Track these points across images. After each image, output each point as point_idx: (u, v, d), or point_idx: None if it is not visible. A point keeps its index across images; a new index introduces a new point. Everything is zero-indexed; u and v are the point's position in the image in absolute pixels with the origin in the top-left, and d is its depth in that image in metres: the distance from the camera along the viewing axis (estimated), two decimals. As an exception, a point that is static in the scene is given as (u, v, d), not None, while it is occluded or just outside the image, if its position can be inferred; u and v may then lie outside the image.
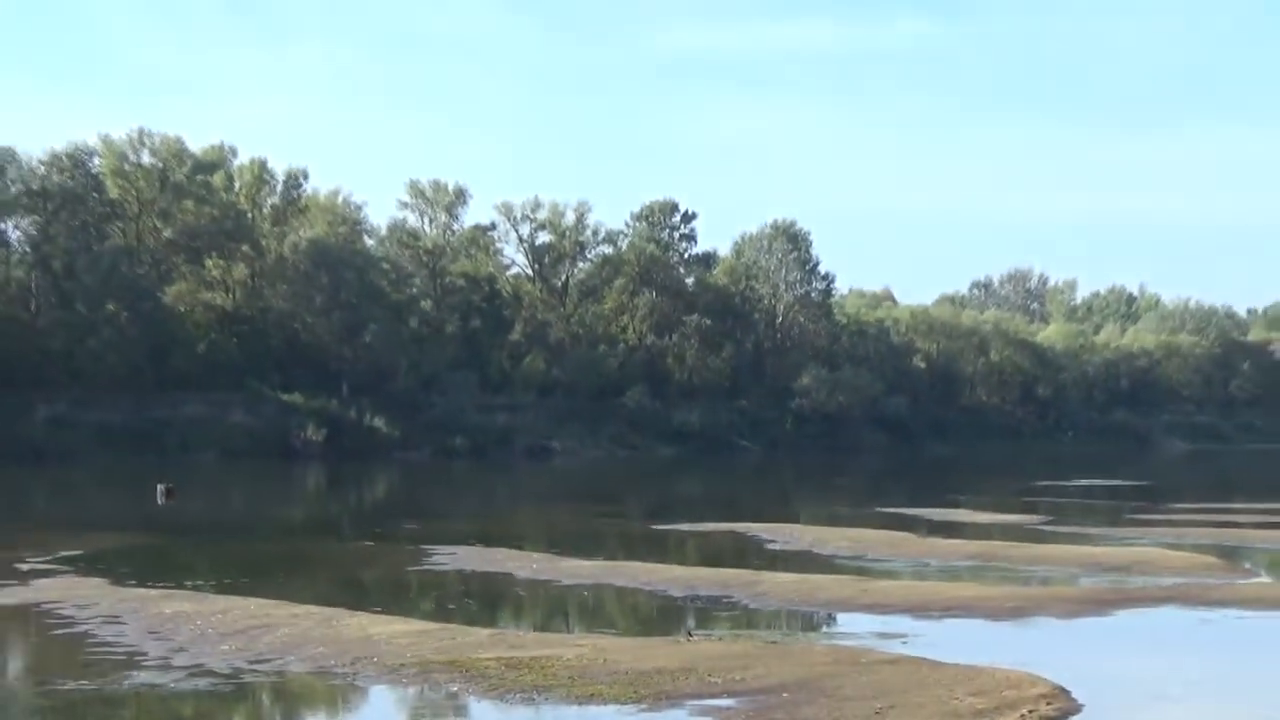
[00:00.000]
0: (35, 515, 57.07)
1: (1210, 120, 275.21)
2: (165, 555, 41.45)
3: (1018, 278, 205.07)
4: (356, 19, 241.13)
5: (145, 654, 24.52)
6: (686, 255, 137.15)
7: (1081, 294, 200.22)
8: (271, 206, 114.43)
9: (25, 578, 34.16)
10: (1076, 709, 20.30)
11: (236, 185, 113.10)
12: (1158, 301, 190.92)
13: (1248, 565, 40.80)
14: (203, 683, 22.47)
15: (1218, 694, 23.52)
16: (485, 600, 33.02)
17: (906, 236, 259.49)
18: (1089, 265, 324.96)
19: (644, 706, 20.56)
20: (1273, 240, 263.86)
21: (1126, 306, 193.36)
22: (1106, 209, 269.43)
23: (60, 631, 27.04)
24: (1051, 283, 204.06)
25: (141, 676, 22.82)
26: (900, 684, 21.78)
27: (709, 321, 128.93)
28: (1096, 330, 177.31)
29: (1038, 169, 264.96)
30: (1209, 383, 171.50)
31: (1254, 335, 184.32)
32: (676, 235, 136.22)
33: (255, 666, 23.62)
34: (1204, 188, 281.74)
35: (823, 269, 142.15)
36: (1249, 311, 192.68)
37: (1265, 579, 38.53)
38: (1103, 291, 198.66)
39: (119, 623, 27.52)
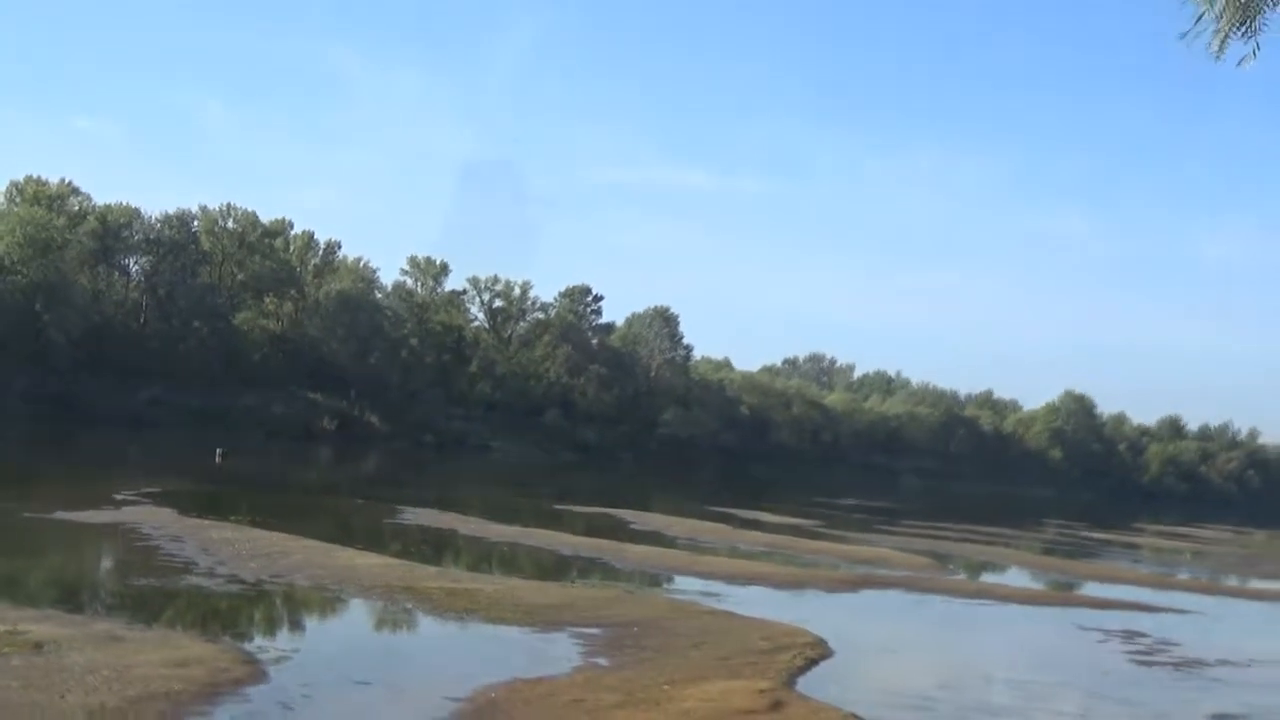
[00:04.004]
0: (130, 464, 56.09)
1: (943, 261, 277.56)
2: (217, 498, 40.89)
3: (815, 359, 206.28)
4: (381, 138, 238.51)
5: (196, 564, 24.18)
6: (594, 324, 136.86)
7: (857, 373, 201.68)
8: (314, 265, 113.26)
9: (118, 505, 33.64)
10: (830, 654, 20.46)
11: (291, 248, 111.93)
12: (908, 383, 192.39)
13: (951, 566, 41.29)
14: (235, 588, 22.20)
15: (925, 650, 23.78)
16: (435, 547, 32.79)
17: (743, 322, 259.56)
18: (863, 353, 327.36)
19: (537, 629, 20.50)
20: (984, 343, 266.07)
21: (886, 384, 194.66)
22: (878, 315, 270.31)
23: (139, 544, 26.60)
24: (838, 364, 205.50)
25: (192, 580, 22.51)
26: (714, 627, 21.84)
27: (605, 370, 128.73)
28: (865, 399, 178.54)
29: (832, 282, 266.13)
30: (936, 440, 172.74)
31: (969, 411, 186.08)
32: (588, 309, 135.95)
33: (273, 579, 23.35)
34: (945, 306, 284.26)
35: (685, 341, 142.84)
36: (966, 396, 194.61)
37: (962, 576, 39.06)
38: (871, 373, 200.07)
39: (180, 541, 27.12)
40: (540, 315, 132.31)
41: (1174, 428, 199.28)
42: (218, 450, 59.53)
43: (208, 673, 15.14)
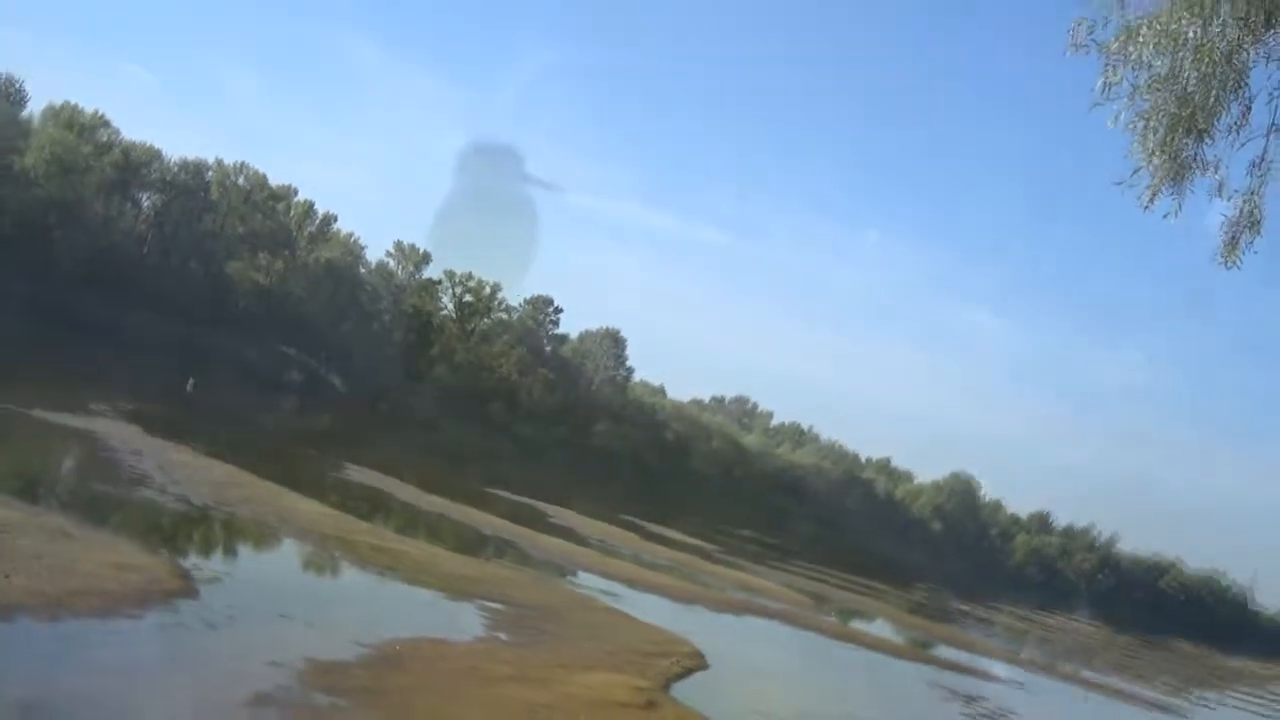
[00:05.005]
0: (108, 380, 55.17)
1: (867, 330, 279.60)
2: (181, 423, 40.34)
3: (740, 401, 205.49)
4: (388, 135, 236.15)
5: (152, 480, 23.88)
6: (550, 332, 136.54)
7: (774, 421, 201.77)
8: (308, 233, 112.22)
9: (92, 415, 33.11)
10: (706, 666, 20.52)
11: (291, 213, 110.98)
12: (818, 438, 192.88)
13: (827, 608, 41.50)
14: (183, 508, 21.95)
15: (791, 678, 23.89)
16: (371, 505, 32.51)
17: (682, 356, 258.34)
18: (783, 405, 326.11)
19: (450, 596, 20.42)
20: (890, 412, 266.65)
21: (799, 435, 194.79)
22: (802, 371, 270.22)
23: (103, 454, 26.22)
24: (759, 410, 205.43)
25: (145, 494, 22.23)
26: (608, 624, 21.84)
27: (553, 375, 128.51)
28: (778, 445, 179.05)
29: (767, 335, 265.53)
30: (833, 493, 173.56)
31: (867, 474, 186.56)
32: (547, 319, 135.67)
33: (218, 507, 23.10)
34: (863, 372, 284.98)
35: (629, 364, 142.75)
36: (867, 459, 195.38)
37: (835, 618, 39.27)
38: (786, 423, 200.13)
39: (140, 457, 26.75)
40: (503, 316, 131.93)
41: (1042, 523, 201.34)
42: (190, 380, 58.78)
43: (144, 580, 14.97)
